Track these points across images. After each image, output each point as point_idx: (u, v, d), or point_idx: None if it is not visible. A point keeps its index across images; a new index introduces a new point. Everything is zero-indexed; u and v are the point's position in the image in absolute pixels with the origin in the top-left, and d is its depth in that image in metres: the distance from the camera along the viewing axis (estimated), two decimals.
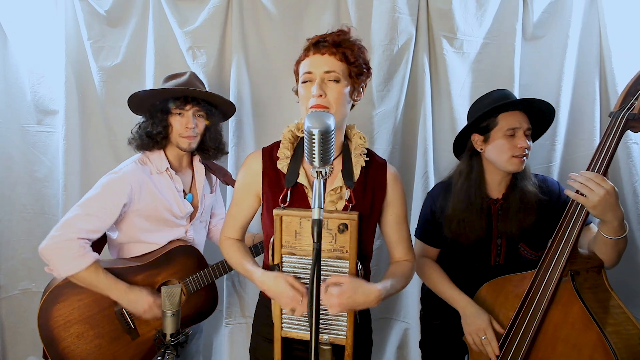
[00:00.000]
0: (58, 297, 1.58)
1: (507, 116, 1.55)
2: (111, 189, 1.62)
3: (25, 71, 2.21)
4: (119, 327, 1.64)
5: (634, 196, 2.00)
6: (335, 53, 1.27)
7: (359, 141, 1.38)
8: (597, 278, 1.38)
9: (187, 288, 1.74)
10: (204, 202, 1.84)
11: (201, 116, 1.74)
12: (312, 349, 1.00)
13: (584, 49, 2.08)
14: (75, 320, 1.59)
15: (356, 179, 1.34)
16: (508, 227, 1.56)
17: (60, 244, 1.54)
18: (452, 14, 2.04)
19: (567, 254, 1.34)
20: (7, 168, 2.25)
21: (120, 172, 1.64)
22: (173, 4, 2.13)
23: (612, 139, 1.31)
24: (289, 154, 1.37)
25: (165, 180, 1.73)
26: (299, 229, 1.29)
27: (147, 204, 1.67)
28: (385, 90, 2.14)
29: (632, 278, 2.02)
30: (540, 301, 1.37)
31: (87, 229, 1.58)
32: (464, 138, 1.67)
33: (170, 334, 1.33)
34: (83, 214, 1.58)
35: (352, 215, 1.25)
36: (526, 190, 1.56)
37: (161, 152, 1.74)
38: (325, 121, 1.00)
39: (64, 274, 1.55)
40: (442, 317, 1.75)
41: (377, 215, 1.39)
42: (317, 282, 0.99)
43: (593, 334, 1.26)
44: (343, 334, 1.30)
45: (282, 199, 1.33)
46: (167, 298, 1.32)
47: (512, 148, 1.53)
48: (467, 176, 1.61)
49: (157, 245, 1.75)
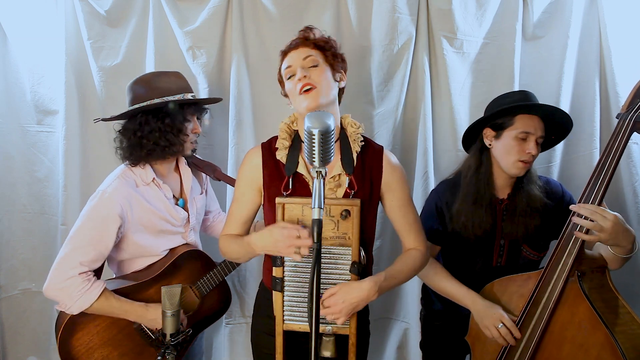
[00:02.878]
0: (75, 328, 1.55)
1: (525, 119, 1.53)
2: (99, 214, 1.54)
3: (25, 71, 2.20)
4: (141, 342, 1.63)
5: (634, 196, 2.00)
6: (307, 44, 1.38)
7: (352, 129, 1.40)
8: (602, 278, 1.38)
9: (199, 291, 1.73)
10: (195, 205, 1.79)
11: (198, 119, 1.75)
12: (312, 348, 1.00)
13: (584, 49, 2.08)
14: (97, 346, 1.57)
15: (354, 166, 1.36)
16: (513, 229, 1.55)
17: (62, 284, 1.49)
18: (452, 14, 2.04)
19: (575, 254, 1.34)
20: (7, 168, 2.25)
21: (106, 194, 1.55)
22: (173, 4, 2.13)
23: (621, 141, 1.33)
24: (287, 144, 1.39)
25: (152, 191, 1.65)
26: (302, 216, 1.30)
27: (141, 217, 1.60)
28: (385, 90, 2.14)
29: (633, 279, 2.02)
30: (547, 301, 1.38)
31: (86, 261, 1.51)
32: (476, 131, 1.65)
33: (170, 334, 1.33)
34: (78, 247, 1.52)
35: (354, 202, 1.27)
36: (532, 194, 1.55)
37: (146, 164, 1.65)
38: (325, 121, 1.01)
39: (76, 311, 1.51)
40: (443, 319, 1.75)
41: (376, 199, 1.40)
42: (317, 282, 0.99)
43: (600, 334, 1.26)
44: (346, 323, 1.30)
45: (284, 186, 1.34)
46: (167, 298, 1.32)
47: (520, 152, 1.52)
48: (476, 170, 1.60)
49: (158, 257, 1.70)
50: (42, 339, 2.35)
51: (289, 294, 1.33)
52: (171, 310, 1.32)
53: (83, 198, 2.19)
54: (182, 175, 1.78)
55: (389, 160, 1.42)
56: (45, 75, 2.21)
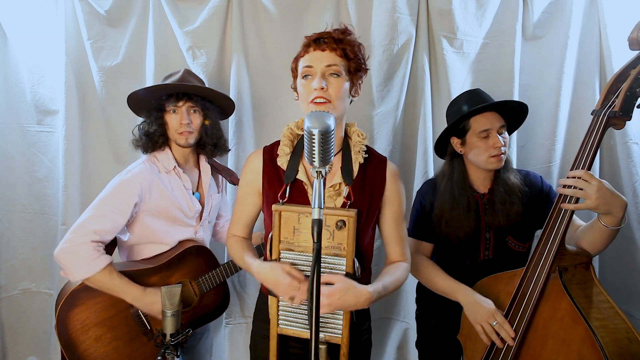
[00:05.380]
0: (75, 302, 1.59)
1: (479, 118, 1.59)
2: (121, 189, 1.63)
3: (25, 71, 2.20)
4: (136, 329, 1.65)
5: (634, 196, 2.01)
6: (336, 49, 1.29)
7: (357, 138, 1.39)
8: (586, 274, 1.39)
9: (200, 288, 1.75)
10: (210, 201, 1.84)
11: (196, 111, 1.74)
12: (312, 349, 1.00)
13: (584, 49, 2.08)
14: (93, 324, 1.59)
15: (355, 176, 1.35)
16: (495, 219, 1.60)
17: (74, 248, 1.54)
18: (452, 14, 2.04)
19: (555, 250, 1.35)
20: (7, 168, 2.25)
21: (130, 173, 1.65)
22: (173, 4, 2.13)
23: (595, 136, 1.33)
24: (288, 150, 1.38)
25: (173, 179, 1.73)
26: (298, 225, 1.28)
27: (157, 202, 1.68)
28: (385, 90, 2.14)
29: (631, 278, 2.02)
30: (530, 298, 1.39)
31: (100, 230, 1.57)
32: (445, 140, 1.72)
33: (170, 334, 1.33)
34: (95, 216, 1.58)
35: (349, 212, 1.25)
36: (509, 182, 1.61)
37: (168, 151, 1.75)
38: (325, 121, 1.01)
39: (78, 277, 1.55)
40: (438, 317, 1.75)
41: (375, 212, 1.39)
42: (317, 282, 0.99)
43: (581, 328, 1.27)
44: (339, 332, 1.29)
45: (281, 194, 1.34)
46: (167, 298, 1.32)
47: (487, 149, 1.57)
48: (449, 177, 1.66)
49: (167, 245, 1.75)
50: (42, 339, 2.35)
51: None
52: (171, 310, 1.32)
53: (83, 198, 2.20)
54: (201, 171, 1.85)
55: (392, 173, 1.41)
56: (45, 75, 2.21)
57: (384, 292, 1.31)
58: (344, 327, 1.28)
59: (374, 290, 1.26)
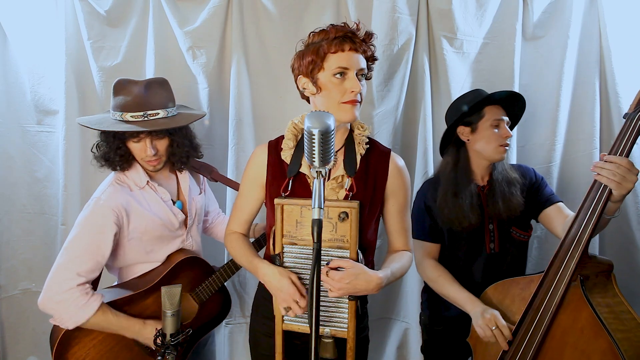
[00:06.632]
0: (70, 343, 1.49)
1: (492, 109, 1.65)
2: (95, 222, 1.49)
3: (25, 71, 2.20)
4: (140, 352, 1.58)
5: (634, 196, 2.01)
6: (366, 51, 1.31)
7: (358, 130, 1.40)
8: (607, 283, 1.35)
9: (198, 298, 1.70)
10: (194, 206, 1.75)
11: (161, 137, 1.57)
12: (312, 348, 1.00)
13: (584, 49, 2.08)
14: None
15: (357, 168, 1.35)
16: (497, 208, 1.63)
17: (60, 297, 1.43)
18: (452, 14, 2.04)
19: (578, 257, 1.31)
20: (7, 168, 2.25)
21: (101, 201, 1.51)
22: (173, 4, 2.13)
23: (627, 140, 1.29)
24: (292, 144, 1.39)
25: (148, 194, 1.60)
26: (300, 218, 1.29)
27: (137, 224, 1.56)
28: (385, 90, 2.14)
29: (632, 279, 2.02)
30: (548, 305, 1.35)
31: (83, 271, 1.45)
32: (448, 134, 1.74)
33: (170, 334, 1.33)
34: (74, 257, 1.46)
35: (352, 204, 1.26)
36: (507, 173, 1.67)
37: (137, 166, 1.60)
38: (325, 121, 1.01)
39: (71, 326, 1.45)
40: (445, 323, 1.75)
41: (378, 203, 1.40)
42: (317, 282, 0.99)
43: (603, 340, 1.23)
44: (345, 326, 1.30)
45: (283, 187, 1.34)
46: (167, 298, 1.31)
47: (498, 138, 1.62)
48: (454, 165, 1.69)
49: (158, 262, 1.67)
50: (42, 339, 2.35)
51: None
52: (171, 310, 1.32)
53: (83, 198, 2.19)
54: (178, 176, 1.75)
55: (396, 165, 1.42)
56: (45, 75, 2.21)
57: (392, 278, 1.33)
58: (349, 321, 1.29)
59: (384, 275, 1.28)
